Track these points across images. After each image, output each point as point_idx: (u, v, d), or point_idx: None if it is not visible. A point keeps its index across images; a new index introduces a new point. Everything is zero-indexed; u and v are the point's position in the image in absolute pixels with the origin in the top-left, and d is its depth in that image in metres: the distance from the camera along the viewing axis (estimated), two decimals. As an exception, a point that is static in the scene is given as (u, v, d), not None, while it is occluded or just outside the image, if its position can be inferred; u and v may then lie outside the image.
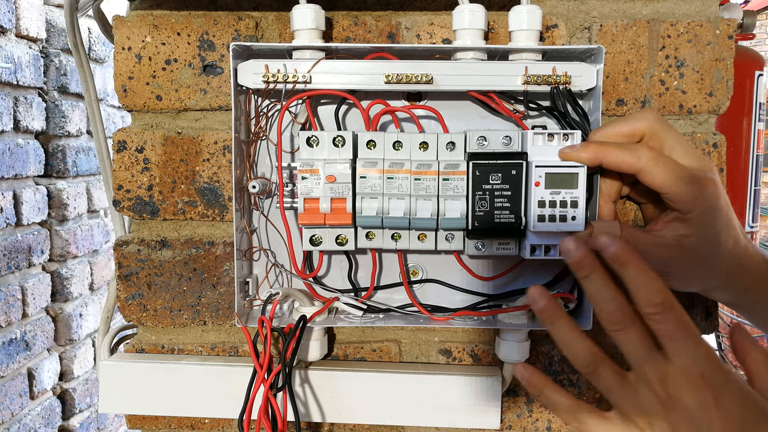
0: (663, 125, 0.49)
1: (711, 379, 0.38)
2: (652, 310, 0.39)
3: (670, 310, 0.39)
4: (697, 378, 0.38)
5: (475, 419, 0.60)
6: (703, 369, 0.38)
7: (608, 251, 0.41)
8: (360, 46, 0.54)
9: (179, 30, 0.60)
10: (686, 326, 0.39)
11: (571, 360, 0.42)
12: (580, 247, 0.42)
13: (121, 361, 0.62)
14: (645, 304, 0.40)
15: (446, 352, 0.64)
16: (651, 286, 0.40)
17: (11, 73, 1.35)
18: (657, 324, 0.40)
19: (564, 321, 0.43)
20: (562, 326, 0.43)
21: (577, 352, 0.42)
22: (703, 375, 0.38)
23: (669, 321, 0.39)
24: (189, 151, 0.61)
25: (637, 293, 0.40)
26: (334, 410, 0.61)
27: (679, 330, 0.39)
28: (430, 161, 0.54)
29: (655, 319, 0.40)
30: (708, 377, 0.38)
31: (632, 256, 0.41)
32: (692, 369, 0.38)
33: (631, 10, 0.59)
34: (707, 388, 0.38)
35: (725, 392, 0.38)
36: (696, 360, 0.38)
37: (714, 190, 0.47)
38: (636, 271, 0.40)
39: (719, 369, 0.38)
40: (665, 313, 0.39)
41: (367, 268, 0.61)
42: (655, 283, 0.40)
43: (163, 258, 0.62)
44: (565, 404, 0.43)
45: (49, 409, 1.55)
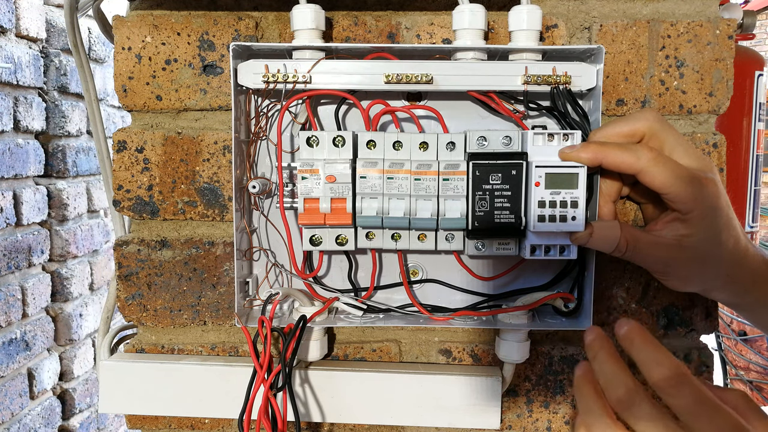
0: (663, 125, 0.49)
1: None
2: (667, 384, 0.37)
3: (687, 382, 0.37)
4: None
5: (475, 419, 0.60)
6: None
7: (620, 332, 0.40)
8: (360, 46, 0.54)
9: (179, 30, 0.60)
10: (705, 398, 0.36)
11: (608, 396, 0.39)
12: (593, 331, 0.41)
13: (121, 361, 0.62)
14: (659, 378, 0.37)
15: (446, 352, 0.64)
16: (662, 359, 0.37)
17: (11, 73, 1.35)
18: (674, 399, 0.37)
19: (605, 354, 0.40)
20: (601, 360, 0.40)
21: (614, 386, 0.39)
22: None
23: (686, 394, 0.36)
24: (189, 151, 0.61)
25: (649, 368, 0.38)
26: (334, 410, 0.61)
27: (699, 404, 0.36)
28: (430, 161, 0.54)
29: (671, 393, 0.37)
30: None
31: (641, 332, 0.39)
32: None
33: (631, 10, 0.59)
34: None
35: None
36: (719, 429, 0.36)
37: (714, 190, 0.47)
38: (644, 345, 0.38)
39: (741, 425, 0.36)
40: (682, 386, 0.37)
41: (367, 268, 0.61)
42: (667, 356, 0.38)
43: (163, 258, 0.62)
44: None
45: (49, 409, 1.55)
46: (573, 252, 0.53)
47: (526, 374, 0.63)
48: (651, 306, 0.61)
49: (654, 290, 0.61)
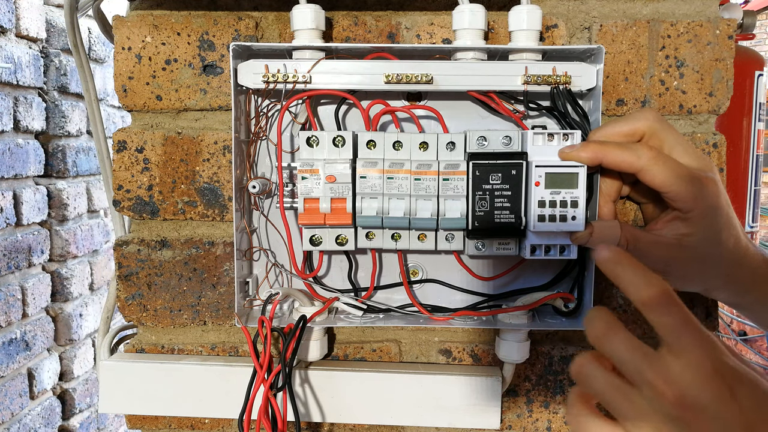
0: (663, 125, 0.49)
1: (724, 371, 0.35)
2: (653, 302, 0.37)
3: (674, 303, 0.37)
4: (711, 372, 0.35)
5: (475, 419, 0.60)
6: (715, 362, 0.35)
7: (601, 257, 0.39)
8: (360, 46, 0.54)
9: (179, 30, 0.60)
10: (690, 318, 0.37)
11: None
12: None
13: (121, 361, 0.62)
14: (646, 296, 0.37)
15: (446, 352, 0.64)
16: (648, 278, 0.37)
17: (11, 73, 1.35)
18: (660, 317, 0.37)
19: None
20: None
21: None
22: (715, 367, 0.35)
23: (674, 314, 0.37)
24: (189, 151, 0.61)
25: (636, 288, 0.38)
26: (334, 410, 0.61)
27: (685, 323, 0.36)
28: (430, 161, 0.54)
29: (658, 312, 0.37)
30: (720, 369, 0.35)
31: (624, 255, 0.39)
32: (705, 363, 0.35)
33: (631, 10, 0.59)
34: (722, 380, 0.35)
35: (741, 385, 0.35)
36: (706, 353, 0.36)
37: (714, 190, 0.47)
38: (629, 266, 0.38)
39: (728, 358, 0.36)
40: (669, 305, 0.37)
41: (367, 268, 0.61)
42: (654, 276, 0.38)
43: (163, 258, 0.62)
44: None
45: (49, 409, 1.55)
46: (573, 252, 0.53)
47: (526, 374, 0.63)
48: (651, 306, 0.61)
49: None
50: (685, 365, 0.36)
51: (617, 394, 0.38)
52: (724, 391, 0.35)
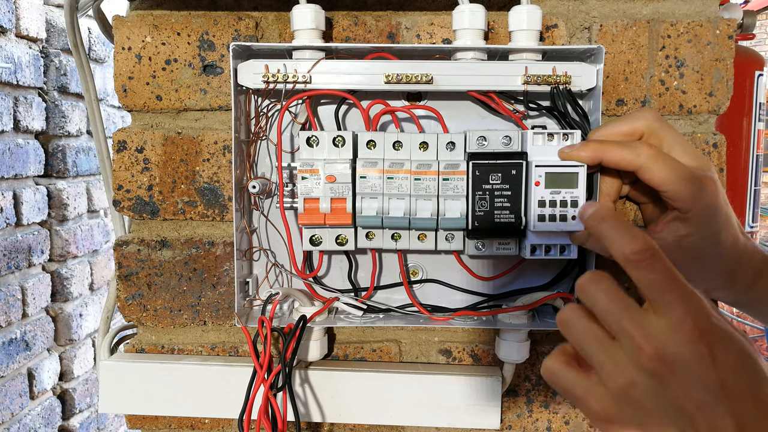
0: (662, 124, 0.49)
1: (705, 331, 0.35)
2: (638, 257, 0.36)
3: (659, 258, 0.36)
4: (692, 330, 0.35)
5: (475, 419, 0.60)
6: (697, 321, 0.35)
7: (586, 215, 0.39)
8: (360, 46, 0.54)
9: (179, 30, 0.60)
10: (676, 276, 0.36)
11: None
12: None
13: (121, 361, 0.62)
14: (630, 251, 0.36)
15: (446, 352, 0.64)
16: (633, 235, 0.37)
17: (11, 73, 1.35)
18: (644, 272, 0.36)
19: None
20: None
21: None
22: (697, 326, 0.35)
23: (658, 270, 0.36)
24: (189, 151, 0.61)
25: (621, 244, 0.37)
26: (334, 410, 0.61)
27: (670, 280, 0.36)
28: (430, 161, 0.54)
29: (641, 267, 0.36)
30: (702, 328, 0.35)
31: (610, 212, 0.38)
32: (687, 321, 0.35)
33: (631, 10, 0.59)
34: (701, 340, 0.35)
35: (721, 345, 0.35)
36: (689, 311, 0.35)
37: (713, 189, 0.47)
38: (615, 224, 0.38)
39: (714, 321, 0.36)
40: (653, 260, 0.36)
41: (367, 268, 0.61)
42: (638, 232, 0.37)
43: (163, 258, 0.62)
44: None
45: (49, 409, 1.55)
46: (573, 252, 0.53)
47: (526, 374, 0.63)
48: (651, 306, 0.61)
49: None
50: (666, 322, 0.35)
51: (595, 343, 0.38)
52: (703, 350, 0.35)
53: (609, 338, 0.37)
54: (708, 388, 0.34)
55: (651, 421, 0.35)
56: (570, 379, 0.39)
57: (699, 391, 0.34)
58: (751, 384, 0.34)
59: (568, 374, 0.39)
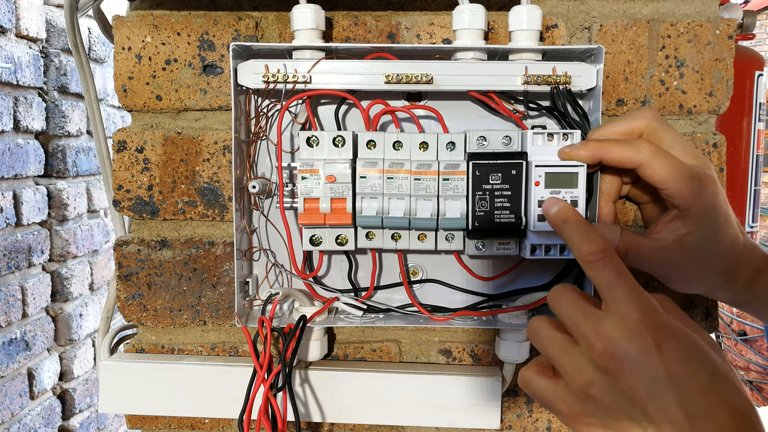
0: (661, 123, 0.49)
1: (652, 325, 0.37)
2: (592, 257, 0.39)
3: (611, 258, 0.39)
4: (637, 324, 0.37)
5: (475, 419, 0.60)
6: (643, 315, 0.37)
7: (550, 213, 0.43)
8: (360, 46, 0.54)
9: (179, 30, 0.60)
10: (626, 275, 0.39)
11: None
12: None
13: (121, 361, 0.62)
14: (586, 252, 0.40)
15: (446, 352, 0.64)
16: (591, 236, 0.40)
17: (11, 73, 1.35)
18: (597, 272, 0.39)
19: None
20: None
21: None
22: (643, 320, 0.37)
23: (609, 269, 0.39)
24: (189, 151, 0.61)
25: (580, 245, 0.40)
26: (334, 410, 0.61)
27: (619, 277, 0.38)
28: (430, 161, 0.54)
29: (595, 266, 0.39)
30: (649, 323, 0.37)
31: (572, 213, 0.42)
32: (632, 315, 0.37)
33: (631, 10, 0.59)
34: (648, 333, 0.36)
35: (667, 336, 0.37)
36: (636, 306, 0.37)
37: (713, 187, 0.47)
38: (576, 225, 0.41)
39: (659, 315, 0.37)
40: (605, 260, 0.39)
41: (367, 268, 0.61)
42: (595, 234, 0.40)
43: (163, 258, 0.62)
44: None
45: (49, 409, 1.55)
46: (573, 252, 0.53)
47: (526, 374, 0.63)
48: (651, 306, 0.61)
49: (653, 290, 0.61)
50: (615, 319, 0.37)
51: (558, 348, 0.40)
52: (650, 344, 0.36)
53: (571, 343, 0.40)
54: (655, 378, 0.36)
55: (610, 416, 0.37)
56: (540, 386, 0.41)
57: (646, 381, 0.36)
58: (698, 374, 0.36)
59: (539, 381, 0.41)
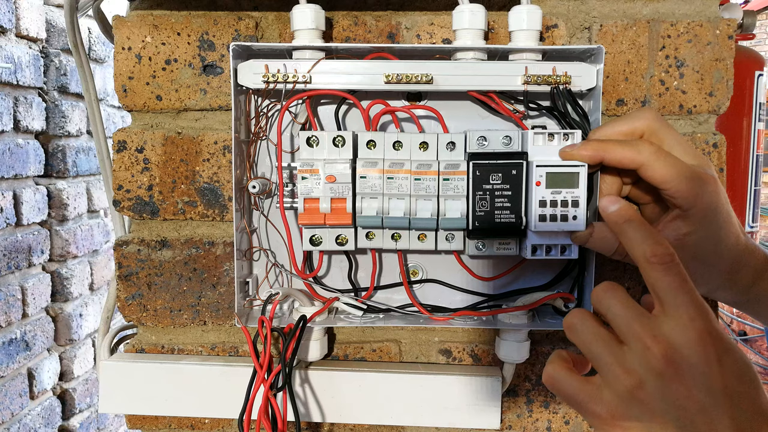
0: (661, 124, 0.49)
1: (715, 335, 0.36)
2: (658, 260, 0.38)
3: (677, 264, 0.38)
4: (701, 332, 0.36)
5: (475, 419, 0.60)
6: (707, 324, 0.36)
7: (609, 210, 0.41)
8: (360, 46, 0.54)
9: (179, 30, 0.60)
10: (690, 282, 0.38)
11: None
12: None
13: (121, 361, 0.62)
14: (651, 253, 0.38)
15: (446, 352, 0.64)
16: (656, 238, 0.38)
17: (11, 73, 1.35)
18: (663, 275, 0.38)
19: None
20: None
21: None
22: (707, 330, 0.36)
23: (675, 274, 0.37)
24: (189, 151, 0.61)
25: (642, 246, 0.38)
26: (334, 410, 0.61)
27: (684, 283, 0.37)
28: (430, 161, 0.54)
29: (660, 270, 0.37)
30: (712, 333, 0.36)
31: (635, 214, 0.40)
32: (697, 322, 0.36)
33: (631, 10, 0.59)
34: (711, 343, 0.36)
35: (727, 351, 0.36)
36: (701, 314, 0.36)
37: (714, 187, 0.47)
38: (640, 225, 0.39)
39: (720, 327, 0.37)
40: (671, 264, 0.37)
41: (367, 268, 0.61)
42: (660, 236, 0.39)
43: (163, 258, 0.62)
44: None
45: (49, 409, 1.55)
46: (574, 252, 0.53)
47: (526, 374, 0.63)
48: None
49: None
50: (676, 324, 0.37)
51: (603, 345, 0.39)
52: (712, 355, 0.36)
53: (617, 341, 0.38)
54: (711, 390, 0.35)
55: (655, 420, 0.36)
56: (573, 386, 0.39)
57: (702, 393, 0.35)
58: (750, 392, 0.36)
59: (571, 380, 0.40)
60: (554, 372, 0.41)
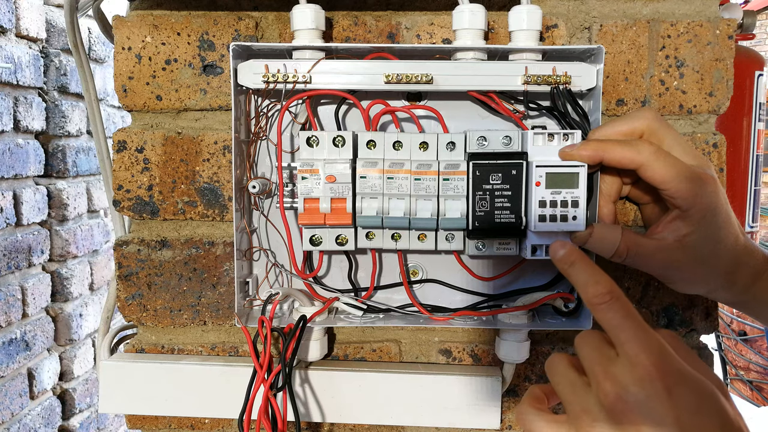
0: (661, 124, 0.49)
1: (662, 369, 0.36)
2: (598, 300, 0.39)
3: (617, 300, 0.38)
4: (647, 368, 0.36)
5: (475, 419, 0.60)
6: (653, 359, 0.36)
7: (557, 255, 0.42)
8: (360, 46, 0.54)
9: (179, 30, 0.60)
10: (634, 316, 0.38)
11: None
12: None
13: (121, 361, 0.62)
14: (592, 295, 0.39)
15: (446, 352, 0.64)
16: (598, 278, 0.39)
17: (11, 73, 1.35)
18: (604, 314, 0.39)
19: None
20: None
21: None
22: (654, 364, 0.36)
23: (616, 310, 0.38)
24: (189, 151, 0.61)
25: (586, 288, 0.40)
26: (334, 410, 0.61)
27: (625, 319, 0.38)
28: (430, 161, 0.54)
29: (601, 308, 0.39)
30: (660, 366, 0.36)
31: (580, 256, 0.41)
32: (641, 358, 0.36)
33: (631, 10, 0.59)
34: (658, 377, 0.35)
35: (678, 382, 0.36)
36: (645, 349, 0.36)
37: (714, 187, 0.47)
38: (582, 267, 0.40)
39: (670, 358, 0.37)
40: (612, 302, 0.38)
41: (367, 268, 0.61)
42: (602, 276, 0.40)
43: (163, 258, 0.62)
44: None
45: (49, 409, 1.55)
46: (573, 252, 0.53)
47: (526, 374, 0.63)
48: (651, 306, 0.61)
49: (654, 290, 0.61)
50: (624, 362, 0.37)
51: (568, 386, 0.40)
52: (660, 390, 0.35)
53: (582, 383, 0.39)
54: (663, 425, 0.35)
55: None
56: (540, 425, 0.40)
57: (654, 428, 0.35)
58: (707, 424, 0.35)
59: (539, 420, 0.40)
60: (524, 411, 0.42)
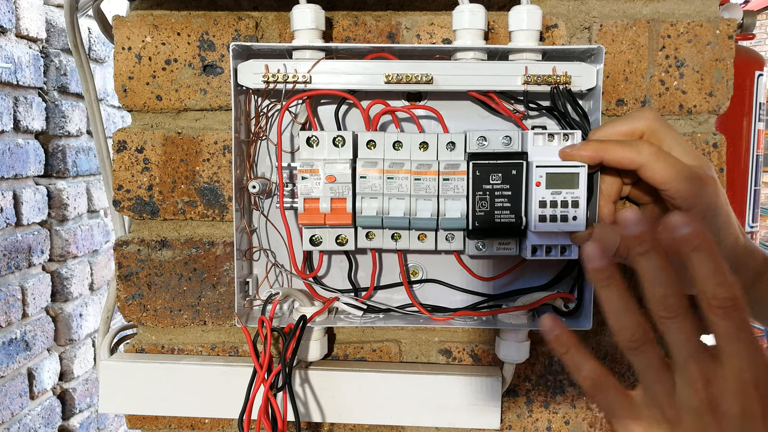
0: (662, 124, 0.49)
1: (763, 390, 0.35)
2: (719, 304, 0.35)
3: (738, 309, 0.35)
4: (748, 385, 0.35)
5: (475, 419, 0.60)
6: (757, 377, 0.35)
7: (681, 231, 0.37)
8: (360, 46, 0.54)
9: (179, 30, 0.60)
10: (749, 330, 0.36)
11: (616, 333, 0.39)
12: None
13: (121, 361, 0.62)
14: (713, 296, 0.35)
15: (446, 352, 0.64)
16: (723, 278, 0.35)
17: (11, 73, 1.35)
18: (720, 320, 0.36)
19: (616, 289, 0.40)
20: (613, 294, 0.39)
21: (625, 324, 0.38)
22: (756, 384, 0.35)
23: (734, 320, 0.35)
24: (189, 151, 0.61)
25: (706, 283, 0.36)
26: (334, 410, 0.61)
27: (741, 331, 0.35)
28: (430, 161, 0.54)
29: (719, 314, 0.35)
30: (761, 388, 0.35)
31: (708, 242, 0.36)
32: (746, 375, 0.35)
33: (631, 10, 0.59)
34: (758, 398, 0.34)
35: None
36: (752, 366, 0.35)
37: (714, 188, 0.47)
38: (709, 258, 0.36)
39: None
40: (732, 311, 0.35)
41: (367, 268, 0.61)
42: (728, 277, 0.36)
43: (163, 258, 0.62)
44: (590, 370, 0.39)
45: (49, 409, 1.55)
46: (574, 252, 0.53)
47: (526, 374, 0.63)
48: (651, 306, 0.61)
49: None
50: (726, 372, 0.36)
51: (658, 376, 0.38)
52: (756, 408, 0.35)
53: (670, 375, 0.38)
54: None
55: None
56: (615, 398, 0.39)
57: None
58: None
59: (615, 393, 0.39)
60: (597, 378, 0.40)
